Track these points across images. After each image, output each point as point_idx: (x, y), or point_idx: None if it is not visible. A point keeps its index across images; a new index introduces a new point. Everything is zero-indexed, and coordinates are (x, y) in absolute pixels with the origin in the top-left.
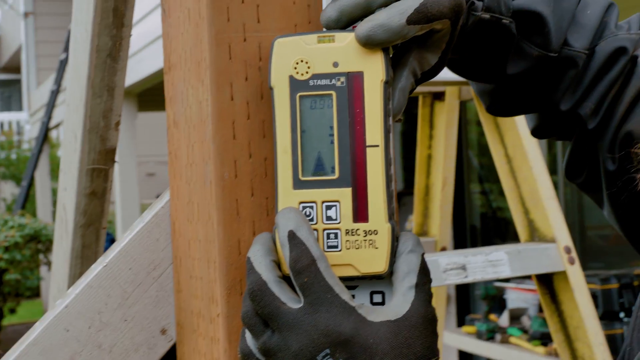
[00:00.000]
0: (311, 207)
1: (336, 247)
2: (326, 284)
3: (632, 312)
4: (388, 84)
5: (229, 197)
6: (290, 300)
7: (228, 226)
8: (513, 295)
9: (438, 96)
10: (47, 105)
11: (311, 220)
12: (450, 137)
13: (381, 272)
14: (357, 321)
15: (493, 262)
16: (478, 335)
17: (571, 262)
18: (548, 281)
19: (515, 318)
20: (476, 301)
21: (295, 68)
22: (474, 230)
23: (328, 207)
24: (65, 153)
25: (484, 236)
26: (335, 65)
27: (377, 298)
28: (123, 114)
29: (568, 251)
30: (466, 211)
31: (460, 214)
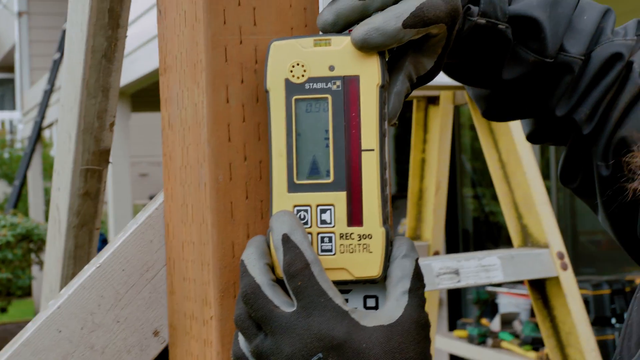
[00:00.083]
0: (306, 211)
1: (330, 251)
2: (320, 288)
3: (624, 320)
4: (384, 88)
5: (224, 200)
6: (283, 303)
7: (222, 229)
8: (505, 299)
9: (432, 100)
10: (40, 104)
11: (305, 223)
12: (444, 142)
13: (375, 277)
14: (350, 325)
15: (486, 267)
16: (469, 339)
17: (564, 268)
18: (541, 286)
19: (506, 322)
20: (468, 305)
21: (291, 71)
22: (467, 234)
23: (322, 211)
24: (59, 153)
25: (476, 240)
26: (331, 68)
27: (371, 302)
28: (116, 115)
29: (561, 257)
30: (459, 215)
31: (452, 218)
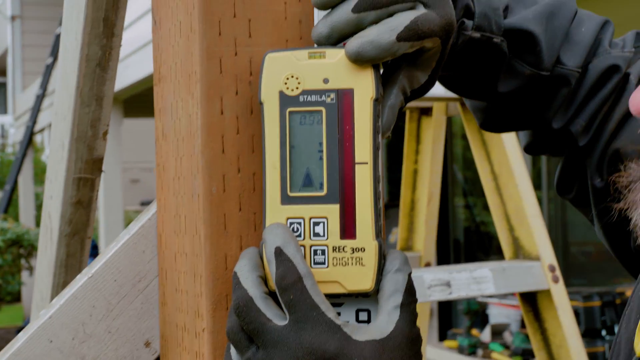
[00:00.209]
0: (299, 223)
1: (323, 264)
2: (312, 302)
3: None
4: (378, 102)
5: (217, 212)
6: (276, 316)
7: (215, 240)
8: (495, 310)
9: (425, 111)
10: (33, 109)
11: (298, 236)
12: (436, 153)
13: (367, 290)
14: (342, 339)
15: (477, 279)
16: (460, 350)
17: (555, 281)
18: (532, 299)
19: (497, 333)
20: (458, 316)
21: (285, 83)
22: (457, 244)
23: (316, 224)
24: (52, 161)
25: (467, 250)
26: (325, 81)
27: (363, 316)
28: None
29: (552, 270)
30: (450, 225)
31: (443, 228)
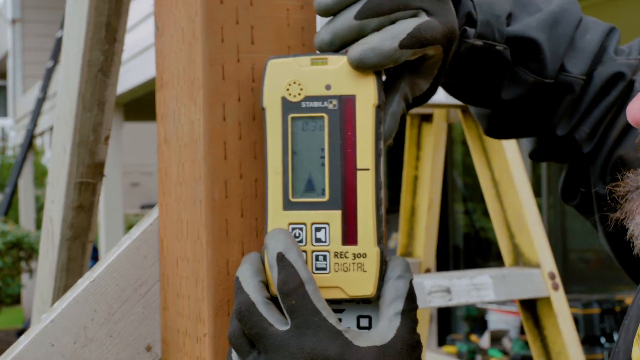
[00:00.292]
0: (300, 229)
1: (325, 270)
2: (313, 307)
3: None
4: (380, 108)
5: (219, 217)
6: (277, 322)
7: (217, 246)
8: (494, 316)
9: (426, 118)
10: (33, 112)
11: (300, 241)
12: (437, 159)
13: (369, 296)
14: (344, 345)
15: (477, 286)
16: (459, 355)
17: (555, 288)
18: (532, 306)
19: (496, 339)
20: (457, 321)
21: (287, 89)
22: (457, 250)
23: (317, 229)
24: (53, 166)
25: (467, 256)
26: (327, 87)
27: (364, 322)
28: None
29: (552, 277)
30: (449, 231)
31: (443, 234)
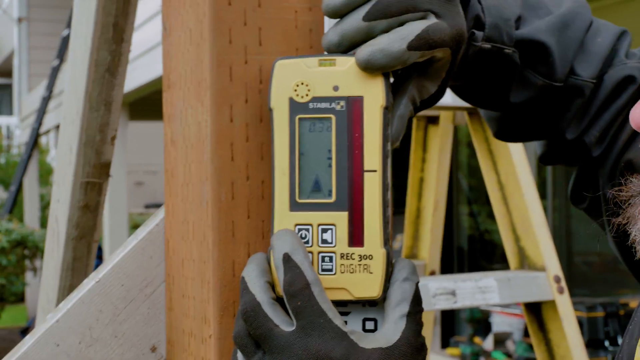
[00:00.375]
0: (307, 230)
1: (331, 271)
2: (319, 309)
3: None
4: (388, 110)
5: (225, 219)
6: (283, 322)
7: (223, 247)
8: (498, 319)
9: (432, 120)
10: (38, 111)
11: (307, 242)
12: (443, 161)
13: (375, 297)
14: (349, 347)
15: (482, 289)
16: (462, 357)
17: (560, 292)
18: (536, 309)
19: (499, 342)
20: (461, 323)
21: (295, 90)
22: (461, 252)
23: (324, 230)
24: (59, 165)
25: (471, 258)
26: (335, 89)
27: (370, 325)
28: None
29: (557, 280)
30: (454, 233)
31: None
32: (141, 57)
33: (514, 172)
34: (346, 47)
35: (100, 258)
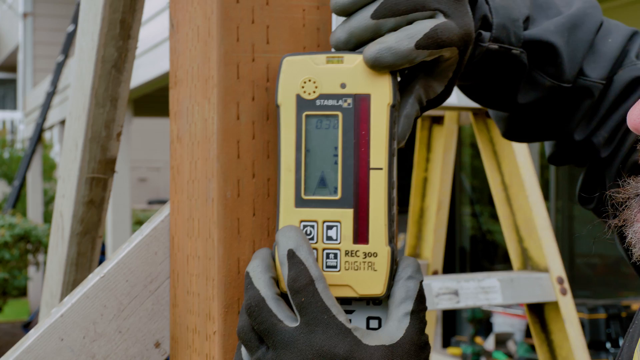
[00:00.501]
0: (312, 226)
1: (335, 268)
2: (323, 305)
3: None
4: (395, 108)
5: (231, 216)
6: (287, 318)
7: (228, 245)
8: (500, 319)
9: (437, 120)
10: (42, 106)
11: (311, 239)
12: (447, 161)
13: (379, 295)
14: (353, 343)
15: (485, 289)
16: (463, 357)
17: (563, 293)
18: (539, 310)
19: (501, 342)
20: (462, 323)
21: (302, 87)
22: (464, 252)
23: (329, 227)
24: (64, 161)
25: (473, 258)
26: (342, 86)
27: (374, 324)
28: None
29: (560, 282)
30: (456, 233)
31: (450, 236)
32: (145, 54)
33: (518, 173)
34: (354, 45)
35: (102, 253)
